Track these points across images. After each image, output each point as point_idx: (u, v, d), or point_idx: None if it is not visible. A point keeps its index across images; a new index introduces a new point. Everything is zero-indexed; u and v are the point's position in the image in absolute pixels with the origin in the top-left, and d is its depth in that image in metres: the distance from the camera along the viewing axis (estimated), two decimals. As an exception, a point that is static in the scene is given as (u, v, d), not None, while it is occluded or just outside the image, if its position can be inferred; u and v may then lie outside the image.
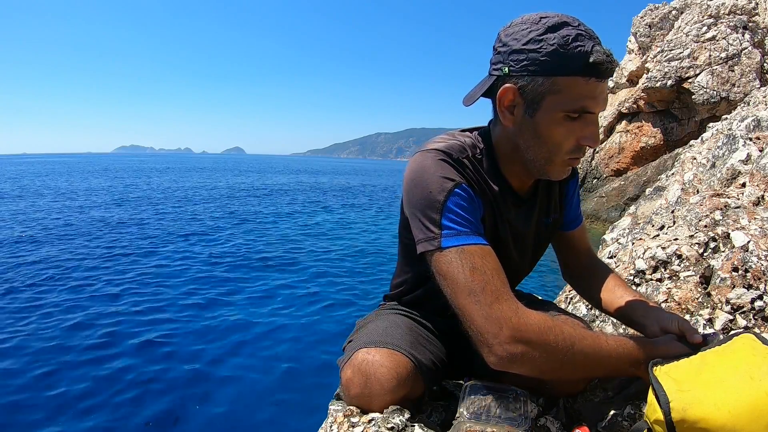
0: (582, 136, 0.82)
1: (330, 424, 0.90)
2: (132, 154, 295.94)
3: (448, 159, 0.86)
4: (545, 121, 0.81)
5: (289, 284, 5.41)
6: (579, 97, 0.78)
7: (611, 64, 0.77)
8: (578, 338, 0.77)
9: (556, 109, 0.79)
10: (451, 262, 0.80)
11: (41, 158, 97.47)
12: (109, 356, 3.45)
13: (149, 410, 2.78)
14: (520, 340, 0.75)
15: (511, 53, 0.80)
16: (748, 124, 2.30)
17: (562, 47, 0.76)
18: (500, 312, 0.76)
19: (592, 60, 0.75)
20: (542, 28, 0.78)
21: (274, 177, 32.31)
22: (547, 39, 0.77)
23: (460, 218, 0.82)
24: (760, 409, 0.66)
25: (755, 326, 1.07)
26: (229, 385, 3.09)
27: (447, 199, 0.82)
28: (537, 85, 0.79)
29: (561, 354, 0.76)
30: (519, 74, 0.80)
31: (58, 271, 5.67)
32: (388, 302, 1.17)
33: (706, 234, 1.30)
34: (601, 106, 0.81)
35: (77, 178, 24.23)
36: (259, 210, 12.58)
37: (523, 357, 0.75)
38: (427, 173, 0.84)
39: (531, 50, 0.78)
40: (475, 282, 0.78)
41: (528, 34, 0.78)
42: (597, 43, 0.77)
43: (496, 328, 0.75)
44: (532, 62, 0.78)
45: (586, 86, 0.77)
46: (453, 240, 0.81)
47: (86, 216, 10.36)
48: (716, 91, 8.24)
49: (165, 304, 4.60)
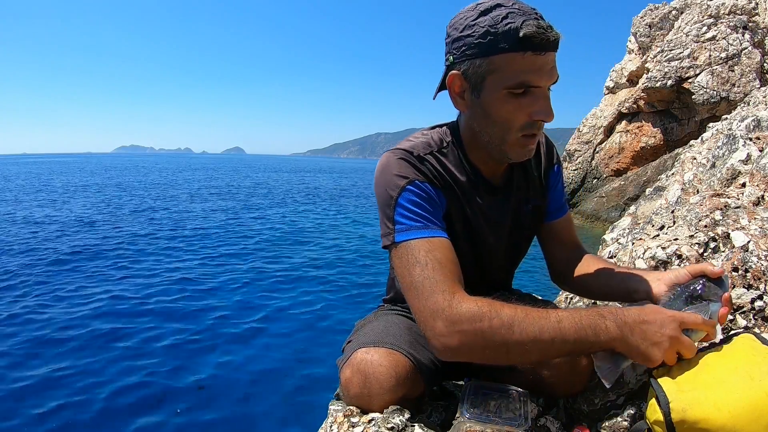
0: (533, 111, 0.83)
1: (330, 424, 0.90)
2: (132, 154, 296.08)
3: (407, 157, 0.89)
4: (491, 100, 0.83)
5: (288, 284, 5.41)
6: (518, 73, 0.80)
7: (546, 35, 0.77)
8: (518, 318, 0.73)
9: (498, 88, 0.82)
10: (400, 257, 0.83)
11: (41, 158, 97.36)
12: (108, 354, 3.45)
13: (147, 411, 2.77)
14: (455, 331, 0.75)
15: (453, 42, 0.84)
16: (748, 124, 2.30)
17: (493, 27, 0.78)
18: (435, 304, 0.77)
19: (522, 34, 0.77)
20: (476, 13, 0.81)
21: (275, 176, 32.29)
22: (480, 22, 0.80)
23: (412, 213, 0.85)
24: (760, 410, 0.66)
25: (755, 326, 1.07)
26: (228, 386, 3.10)
27: (399, 195, 0.85)
28: (476, 67, 0.82)
29: (500, 338, 0.73)
30: (461, 60, 0.83)
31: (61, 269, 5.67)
32: (387, 304, 1.17)
33: (706, 234, 1.30)
34: (547, 79, 0.81)
35: (101, 176, 24.29)
36: (259, 209, 12.58)
37: (461, 347, 0.75)
38: (386, 172, 0.88)
39: (467, 35, 0.81)
40: (415, 276, 0.80)
41: (464, 21, 0.82)
42: (531, 18, 0.78)
43: (432, 321, 0.77)
44: (468, 47, 0.81)
45: (523, 60, 0.79)
46: (404, 235, 0.84)
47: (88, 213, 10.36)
48: (716, 91, 8.24)
49: (164, 304, 4.60)
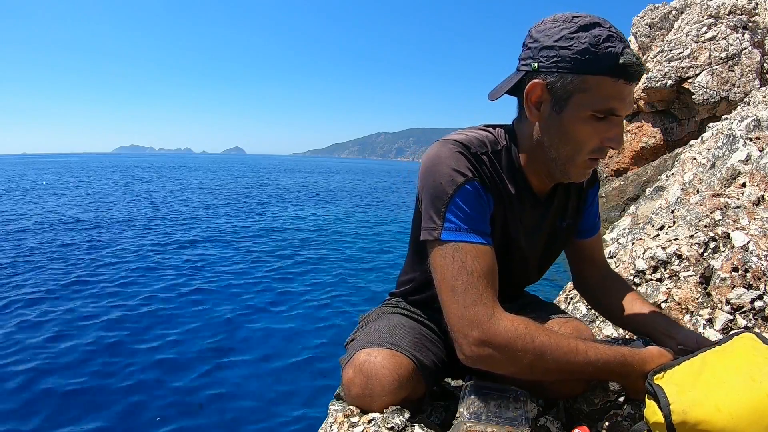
0: (606, 137, 0.82)
1: (330, 424, 0.90)
2: (132, 154, 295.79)
3: (465, 152, 0.85)
4: (572, 118, 0.81)
5: (288, 283, 5.41)
6: (607, 98, 0.78)
7: (639, 67, 0.77)
8: (551, 348, 0.78)
9: (584, 108, 0.79)
10: (444, 257, 0.82)
11: (41, 158, 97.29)
12: (105, 352, 3.45)
13: (148, 410, 2.77)
14: (488, 344, 0.77)
15: (542, 49, 0.80)
16: (748, 124, 2.30)
17: (593, 46, 0.76)
18: (474, 315, 0.78)
19: (621, 61, 0.76)
20: (574, 26, 0.78)
21: (276, 175, 32.27)
22: (579, 37, 0.77)
23: (464, 215, 0.83)
24: (761, 411, 0.65)
25: (755, 326, 1.07)
26: (228, 385, 3.09)
27: (455, 193, 0.82)
28: (566, 82, 0.79)
29: (528, 361, 0.78)
30: (548, 70, 0.80)
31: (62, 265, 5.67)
32: (393, 299, 1.16)
33: (706, 234, 1.30)
34: (627, 109, 0.81)
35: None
36: (259, 207, 12.58)
37: (490, 359, 0.78)
38: (441, 163, 0.84)
39: (562, 47, 0.78)
40: (459, 281, 0.80)
41: (560, 32, 0.79)
42: (627, 45, 0.78)
43: (467, 329, 0.78)
44: (562, 59, 0.78)
45: (614, 87, 0.78)
46: (452, 235, 0.82)
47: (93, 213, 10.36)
48: (716, 91, 8.23)
49: (163, 303, 4.60)
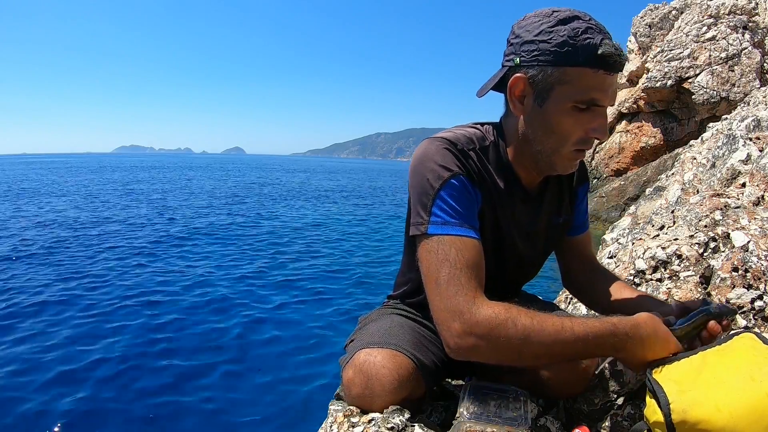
0: (591, 128, 0.83)
1: (330, 424, 0.90)
2: (132, 154, 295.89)
3: (452, 148, 0.87)
4: (554, 111, 0.82)
5: (289, 283, 5.41)
6: (588, 89, 0.80)
7: (620, 57, 0.78)
8: (535, 330, 0.76)
9: (565, 100, 0.81)
10: (430, 250, 0.83)
11: (41, 158, 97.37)
12: (104, 351, 3.45)
13: (145, 408, 2.77)
14: (471, 334, 0.77)
15: (523, 44, 0.82)
16: (748, 124, 2.31)
17: (572, 38, 0.78)
18: (456, 305, 0.78)
19: (600, 52, 0.77)
20: (554, 20, 0.80)
21: (276, 175, 32.32)
22: (558, 30, 0.79)
23: (451, 208, 0.84)
24: (761, 411, 0.65)
25: (755, 326, 1.07)
26: (228, 384, 3.09)
27: (441, 187, 0.84)
28: (546, 75, 0.80)
29: (514, 346, 0.76)
30: (529, 64, 0.82)
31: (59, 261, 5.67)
32: (392, 301, 1.16)
33: (706, 234, 1.30)
34: (610, 100, 0.82)
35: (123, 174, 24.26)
36: (259, 207, 12.58)
37: (475, 350, 0.78)
38: (428, 160, 0.86)
39: (542, 41, 0.80)
40: (442, 273, 0.80)
41: (540, 26, 0.81)
42: (606, 36, 0.79)
43: (450, 321, 0.78)
44: (542, 53, 0.80)
45: (595, 78, 0.79)
46: (438, 228, 0.83)
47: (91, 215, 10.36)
48: (716, 91, 8.23)
49: (162, 301, 4.60)
